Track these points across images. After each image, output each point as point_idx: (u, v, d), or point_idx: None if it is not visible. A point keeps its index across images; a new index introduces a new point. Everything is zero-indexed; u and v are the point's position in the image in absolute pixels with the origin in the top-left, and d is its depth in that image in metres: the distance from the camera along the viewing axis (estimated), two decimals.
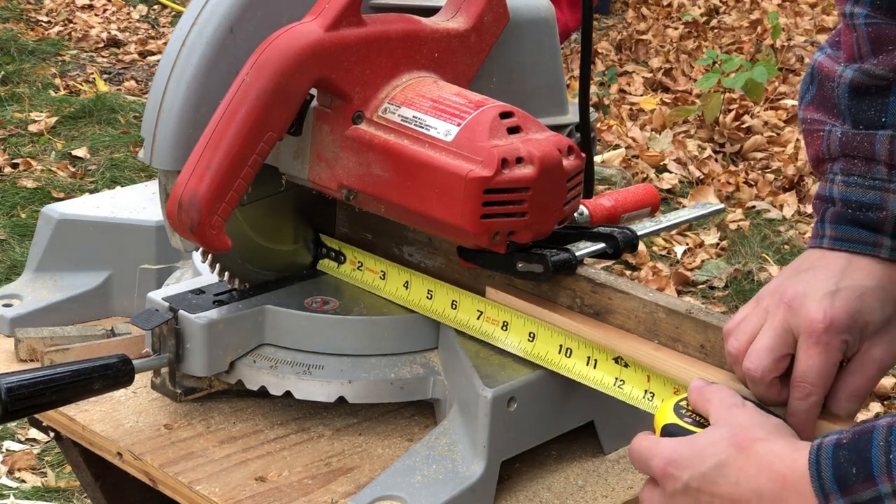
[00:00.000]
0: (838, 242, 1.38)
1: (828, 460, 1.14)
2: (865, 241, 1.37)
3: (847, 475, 1.12)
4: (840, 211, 1.39)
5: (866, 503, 1.12)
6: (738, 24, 7.49)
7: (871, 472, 1.11)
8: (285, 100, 1.39)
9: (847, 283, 1.33)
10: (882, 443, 1.12)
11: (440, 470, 1.41)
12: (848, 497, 1.12)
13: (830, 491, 1.13)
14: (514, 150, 1.39)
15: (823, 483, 1.14)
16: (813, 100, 1.44)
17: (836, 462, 1.14)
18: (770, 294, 1.35)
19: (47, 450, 3.52)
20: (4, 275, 4.44)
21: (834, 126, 1.41)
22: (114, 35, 7.37)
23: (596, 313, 1.48)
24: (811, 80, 1.46)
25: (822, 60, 1.43)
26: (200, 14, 1.44)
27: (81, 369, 1.45)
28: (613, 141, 5.73)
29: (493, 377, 1.45)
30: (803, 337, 1.30)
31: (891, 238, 1.36)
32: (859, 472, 1.12)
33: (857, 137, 1.38)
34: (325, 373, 1.53)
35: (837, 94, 1.40)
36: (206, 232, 1.37)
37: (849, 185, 1.39)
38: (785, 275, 1.38)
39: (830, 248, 1.38)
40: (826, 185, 1.41)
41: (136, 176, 5.34)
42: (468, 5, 1.57)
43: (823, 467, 1.14)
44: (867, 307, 1.32)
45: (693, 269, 4.68)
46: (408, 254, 1.63)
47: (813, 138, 1.43)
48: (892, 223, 1.36)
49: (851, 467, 1.12)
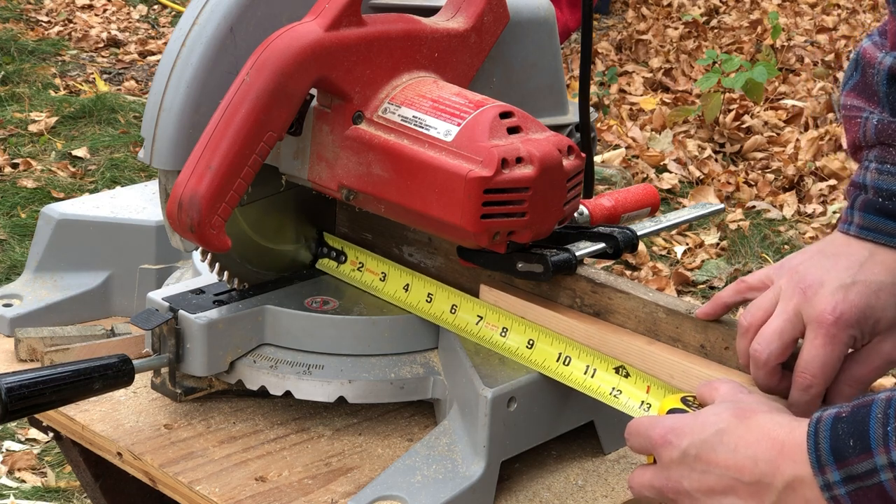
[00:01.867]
0: (864, 231, 1.38)
1: (826, 432, 1.14)
2: (891, 233, 1.37)
3: (844, 447, 1.13)
4: (870, 199, 1.38)
5: (862, 475, 1.12)
6: (738, 24, 7.49)
7: (868, 444, 1.11)
8: (285, 100, 1.39)
9: (864, 277, 1.33)
10: (880, 415, 1.12)
11: (440, 470, 1.41)
12: (844, 469, 1.13)
13: (826, 463, 1.13)
14: (514, 150, 1.39)
15: (820, 455, 1.14)
16: (855, 86, 1.44)
17: (833, 434, 1.14)
18: (789, 274, 1.36)
19: (47, 450, 3.52)
20: (4, 275, 4.44)
21: (872, 113, 1.41)
22: (114, 35, 7.37)
23: (596, 313, 1.49)
24: (855, 67, 1.46)
25: (866, 47, 1.43)
26: (200, 14, 1.44)
27: (81, 369, 1.45)
28: (613, 141, 5.73)
29: (493, 377, 1.45)
30: (811, 327, 1.31)
31: None
32: (856, 444, 1.12)
33: (893, 125, 1.38)
34: (325, 373, 1.53)
35: (877, 81, 1.40)
36: (206, 232, 1.37)
37: (882, 173, 1.39)
38: (808, 254, 1.38)
39: (856, 235, 1.38)
40: (860, 172, 1.41)
41: (136, 176, 5.34)
42: (468, 5, 1.57)
43: (821, 439, 1.14)
44: (881, 303, 1.32)
45: (693, 269, 4.68)
46: (408, 254, 1.63)
47: (851, 125, 1.44)
48: None
49: (849, 440, 1.12)
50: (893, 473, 1.10)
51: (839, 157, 5.44)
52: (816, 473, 1.14)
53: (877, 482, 1.11)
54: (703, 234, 4.95)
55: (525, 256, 1.49)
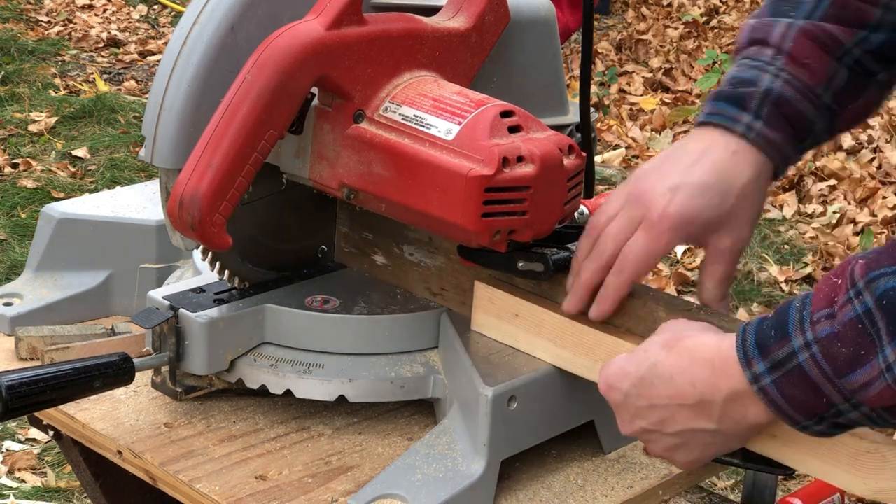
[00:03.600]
0: (708, 116, 1.47)
1: (752, 332, 1.21)
2: (728, 115, 1.45)
3: (766, 338, 1.19)
4: (721, 88, 1.48)
5: (783, 360, 1.18)
6: (738, 24, 7.47)
7: (787, 330, 1.18)
8: (287, 98, 1.39)
9: (691, 179, 1.41)
10: (798, 304, 1.19)
11: (440, 468, 1.41)
12: (767, 359, 1.19)
13: (752, 356, 1.20)
14: (514, 149, 1.39)
15: (746, 351, 1.21)
16: None
17: (759, 330, 1.21)
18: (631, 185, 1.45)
19: (47, 450, 3.52)
20: (4, 274, 4.45)
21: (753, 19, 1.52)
22: (114, 35, 7.38)
23: None
24: None
25: None
26: (202, 13, 1.44)
27: (82, 367, 1.45)
28: (613, 141, 5.73)
29: (493, 376, 1.45)
30: (640, 227, 1.41)
31: (752, 116, 1.44)
32: (777, 333, 1.19)
33: (761, 24, 1.49)
34: (326, 372, 1.53)
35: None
36: (208, 230, 1.37)
37: (739, 65, 1.49)
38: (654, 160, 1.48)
39: (701, 122, 1.48)
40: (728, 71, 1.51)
41: (136, 176, 5.34)
42: (469, 5, 1.57)
43: (748, 338, 1.21)
44: (707, 203, 1.41)
45: (693, 269, 4.68)
46: (408, 253, 1.63)
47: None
48: (758, 101, 1.44)
49: (770, 331, 1.19)
50: (809, 353, 1.16)
51: (839, 157, 5.44)
52: (744, 368, 1.21)
53: (796, 364, 1.17)
54: None
55: (526, 255, 1.49)
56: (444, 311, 1.59)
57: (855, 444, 1.26)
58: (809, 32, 1.45)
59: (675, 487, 1.56)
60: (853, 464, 1.26)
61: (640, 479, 1.53)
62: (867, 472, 1.25)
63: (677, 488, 1.56)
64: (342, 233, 1.70)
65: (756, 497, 1.75)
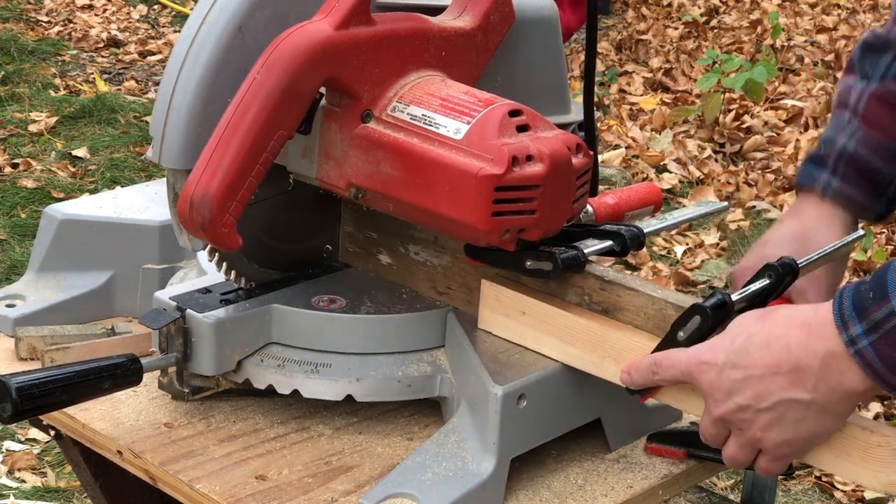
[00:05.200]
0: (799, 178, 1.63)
1: (849, 294, 1.20)
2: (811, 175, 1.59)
3: (864, 300, 1.18)
4: (811, 151, 1.61)
5: (881, 321, 1.16)
6: (738, 24, 7.48)
7: (886, 290, 1.16)
8: (296, 98, 1.38)
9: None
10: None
11: (450, 467, 1.41)
12: (865, 320, 1.18)
13: (849, 318, 1.19)
14: (523, 148, 1.39)
15: (843, 313, 1.19)
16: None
17: (856, 293, 1.19)
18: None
19: (47, 450, 3.52)
20: (4, 275, 4.44)
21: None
22: (114, 35, 7.37)
23: (604, 310, 1.49)
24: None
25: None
26: (209, 13, 1.44)
27: (91, 369, 1.44)
28: (613, 141, 5.73)
29: (502, 374, 1.45)
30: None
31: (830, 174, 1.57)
32: (875, 294, 1.17)
33: (846, 86, 1.61)
34: (333, 371, 1.53)
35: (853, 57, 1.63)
36: (218, 230, 1.37)
37: (827, 128, 1.60)
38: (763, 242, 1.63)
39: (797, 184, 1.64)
40: None
41: (136, 176, 5.33)
42: (474, 4, 1.57)
43: (844, 300, 1.20)
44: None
45: (693, 269, 4.68)
46: (413, 252, 1.63)
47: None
48: (834, 159, 1.57)
49: (869, 293, 1.18)
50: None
51: None
52: (841, 331, 1.19)
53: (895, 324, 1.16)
54: (703, 234, 4.95)
55: (534, 254, 1.49)
56: (451, 310, 1.59)
57: (866, 437, 1.26)
58: (880, 94, 1.58)
59: (675, 487, 1.56)
60: (864, 457, 1.26)
61: (640, 479, 1.53)
62: (878, 464, 1.26)
63: (677, 488, 1.56)
64: (347, 232, 1.70)
65: (756, 497, 1.75)
